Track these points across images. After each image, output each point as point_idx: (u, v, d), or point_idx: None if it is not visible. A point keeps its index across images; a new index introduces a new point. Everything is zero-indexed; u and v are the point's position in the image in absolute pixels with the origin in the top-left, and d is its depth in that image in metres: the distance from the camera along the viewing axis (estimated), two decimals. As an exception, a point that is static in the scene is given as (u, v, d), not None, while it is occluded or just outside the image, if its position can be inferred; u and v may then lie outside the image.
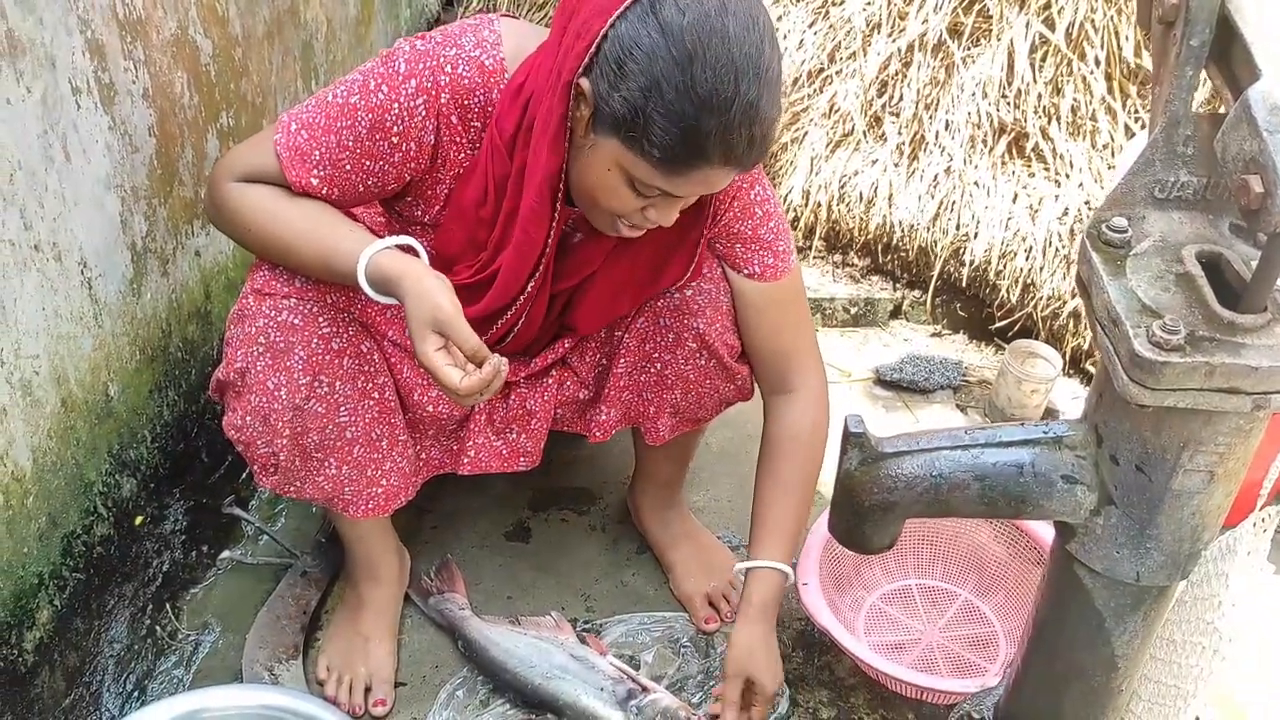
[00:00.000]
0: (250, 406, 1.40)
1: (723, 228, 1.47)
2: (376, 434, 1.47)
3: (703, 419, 1.64)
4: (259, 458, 1.45)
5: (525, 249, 1.36)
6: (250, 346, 1.39)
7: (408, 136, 1.30)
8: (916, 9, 2.25)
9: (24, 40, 1.26)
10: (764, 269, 1.50)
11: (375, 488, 1.51)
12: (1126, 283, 0.94)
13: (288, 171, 1.31)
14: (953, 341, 2.48)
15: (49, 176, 1.33)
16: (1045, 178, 2.27)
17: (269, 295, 1.39)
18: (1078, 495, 1.03)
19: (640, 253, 1.42)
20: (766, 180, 1.49)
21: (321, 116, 1.31)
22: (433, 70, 1.28)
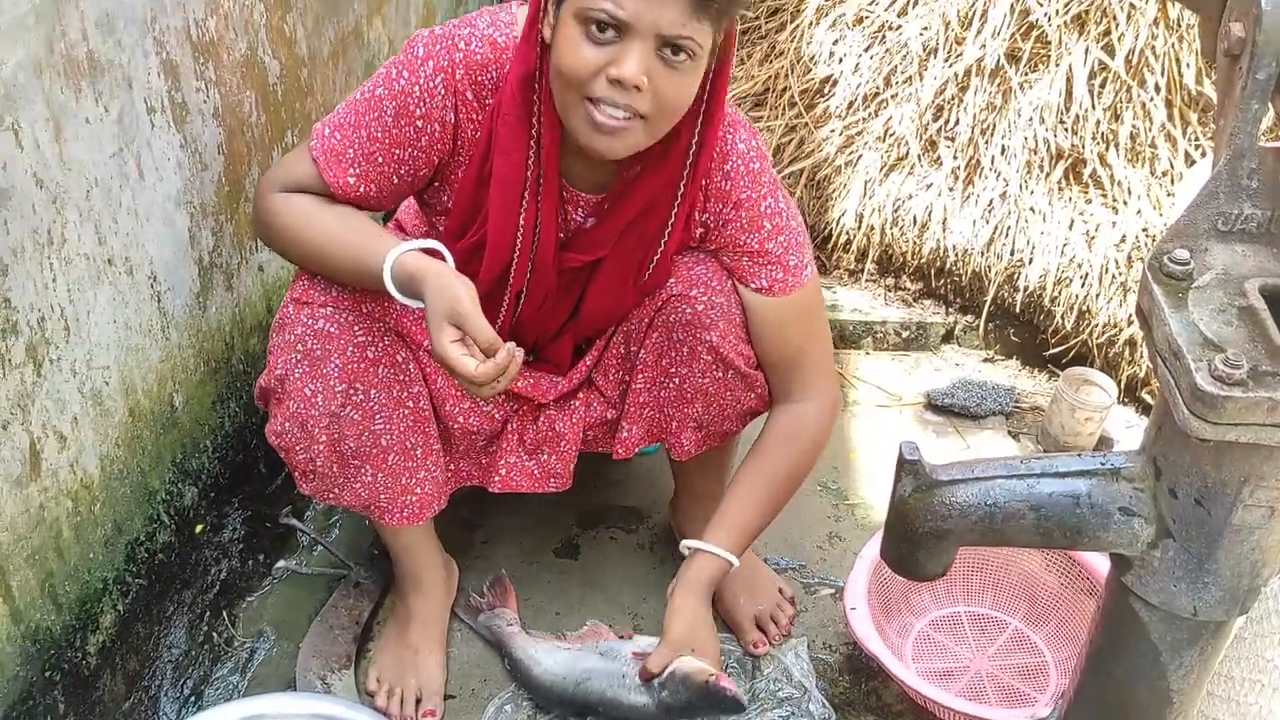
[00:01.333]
0: (289, 413, 1.44)
1: (728, 240, 1.46)
2: (411, 442, 1.50)
3: (728, 431, 1.63)
4: (298, 463, 1.49)
5: (507, 176, 1.36)
6: (289, 354, 1.42)
7: (430, 118, 1.35)
8: (974, 34, 2.25)
9: (103, 61, 1.30)
10: (772, 283, 1.48)
11: (409, 495, 1.54)
12: (1188, 315, 0.94)
13: (325, 174, 1.36)
14: (1005, 367, 2.46)
15: (123, 193, 1.37)
16: (1103, 204, 2.25)
17: (307, 304, 1.42)
18: (1135, 528, 1.03)
19: (646, 231, 1.42)
20: (783, 193, 1.48)
21: (351, 115, 1.37)
22: (449, 49, 1.32)
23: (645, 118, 1.23)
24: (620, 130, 1.23)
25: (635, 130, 1.24)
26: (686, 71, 1.22)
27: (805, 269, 1.49)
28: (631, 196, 1.39)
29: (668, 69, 1.20)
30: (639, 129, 1.25)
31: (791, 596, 1.84)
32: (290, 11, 1.79)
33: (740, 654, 1.76)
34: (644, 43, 1.18)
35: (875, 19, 2.36)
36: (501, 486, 1.61)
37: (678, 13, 1.16)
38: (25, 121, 1.17)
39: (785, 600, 1.82)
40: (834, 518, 2.03)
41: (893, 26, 2.35)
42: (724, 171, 1.41)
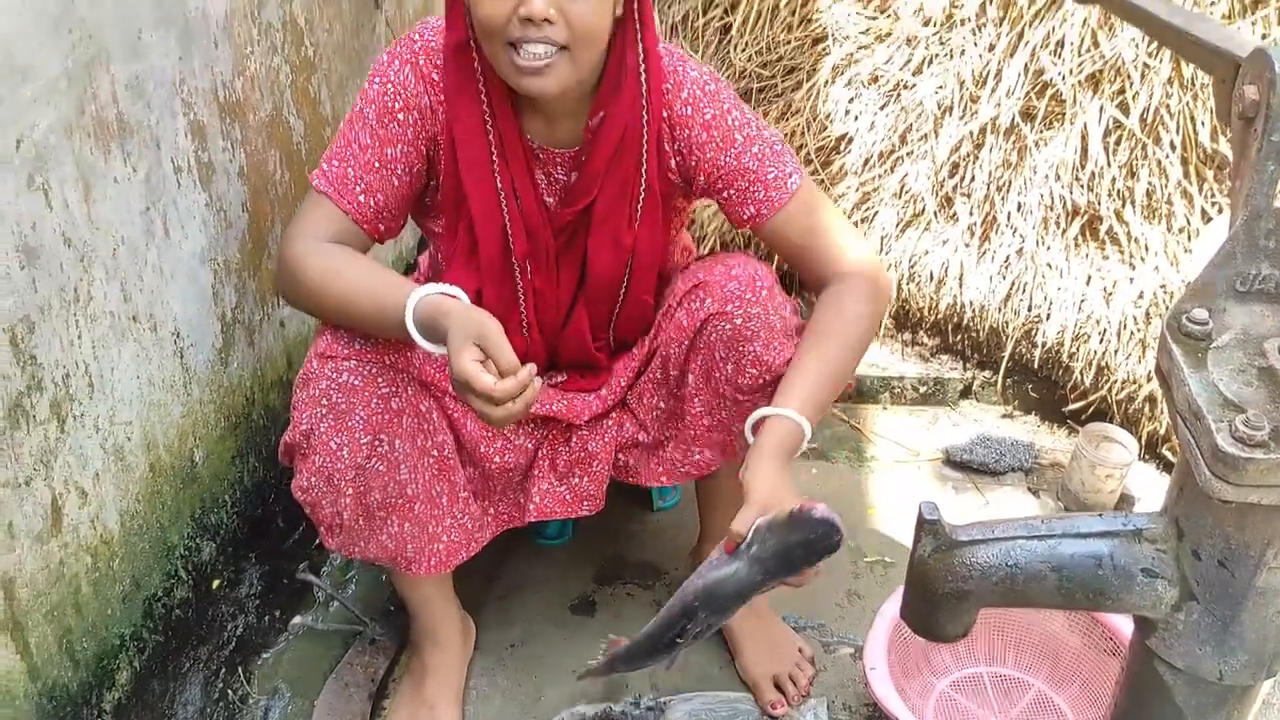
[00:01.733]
0: (315, 467, 1.44)
1: (709, 165, 1.47)
2: (437, 490, 1.50)
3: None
4: (324, 518, 1.49)
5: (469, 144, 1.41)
6: (314, 409, 1.43)
7: (409, 106, 1.41)
8: (989, 93, 2.26)
9: (132, 123, 1.33)
10: (759, 206, 1.49)
11: (437, 544, 1.53)
12: (1208, 375, 0.94)
13: (339, 201, 1.41)
14: (1024, 423, 2.45)
15: (149, 251, 1.39)
16: (1120, 261, 2.25)
17: (331, 358, 1.43)
18: (1158, 589, 1.02)
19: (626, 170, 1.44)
20: (748, 107, 1.51)
21: (340, 141, 1.43)
22: (407, 45, 1.42)
23: (567, 48, 1.28)
24: (545, 67, 1.28)
25: (561, 64, 1.29)
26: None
27: (788, 178, 1.49)
28: (601, 137, 1.41)
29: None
30: (564, 62, 1.29)
31: (811, 656, 1.83)
32: (315, 73, 1.82)
33: (759, 715, 1.74)
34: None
35: (890, 78, 2.38)
36: (537, 515, 1.60)
37: None
38: (55, 182, 1.19)
39: (805, 660, 1.81)
40: (853, 574, 2.02)
41: (908, 85, 2.37)
42: (683, 99, 1.45)
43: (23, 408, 1.19)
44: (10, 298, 1.14)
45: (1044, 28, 2.18)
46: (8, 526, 1.18)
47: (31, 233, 1.16)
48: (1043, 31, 2.19)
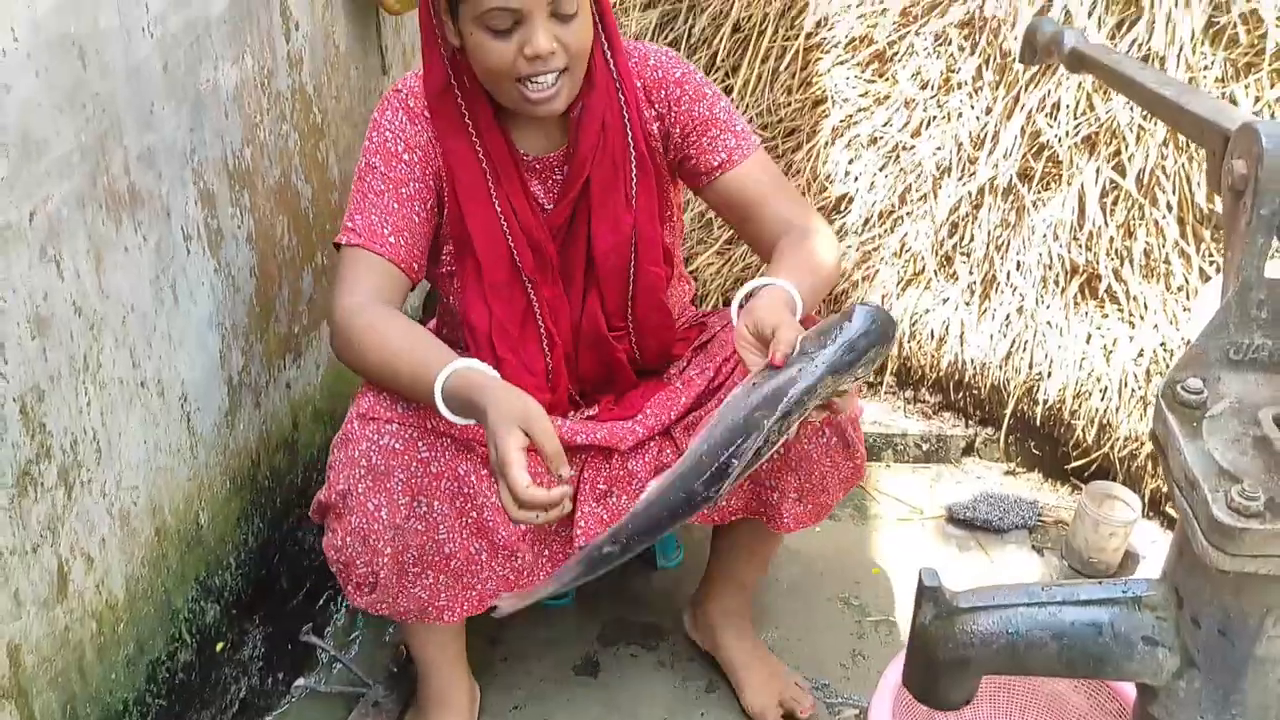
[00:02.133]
0: (351, 527, 1.44)
1: (685, 117, 1.56)
2: (475, 548, 1.49)
3: (827, 503, 1.63)
4: (357, 577, 1.48)
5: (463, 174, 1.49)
6: (353, 469, 1.43)
7: (410, 146, 1.50)
8: (986, 154, 2.30)
9: (144, 193, 1.35)
10: (729, 153, 1.56)
11: (470, 591, 1.52)
12: (1203, 445, 0.95)
13: (371, 248, 1.45)
14: (1027, 480, 2.45)
15: (158, 318, 1.41)
16: (1119, 319, 2.27)
17: (372, 420, 1.44)
18: (1159, 657, 1.02)
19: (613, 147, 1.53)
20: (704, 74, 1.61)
21: (356, 196, 1.49)
22: (394, 95, 1.52)
23: (566, 69, 1.40)
24: (553, 92, 1.41)
25: (564, 83, 1.42)
26: (579, 16, 1.39)
27: (751, 135, 1.59)
28: (584, 125, 1.50)
29: (565, 24, 1.37)
30: (565, 81, 1.42)
31: (808, 688, 1.86)
32: (323, 138, 1.86)
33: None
34: (540, 16, 1.35)
35: (889, 140, 2.42)
36: (585, 538, 1.57)
37: None
38: (67, 253, 1.21)
39: (803, 691, 1.84)
40: (857, 634, 2.01)
41: (906, 147, 2.40)
42: (650, 65, 1.57)
43: (31, 475, 1.20)
44: (21, 367, 1.16)
45: (1039, 91, 2.22)
46: (14, 594, 1.19)
47: (43, 303, 1.18)
48: (1038, 95, 2.22)
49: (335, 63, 1.87)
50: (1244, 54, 2.06)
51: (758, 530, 1.69)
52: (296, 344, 1.83)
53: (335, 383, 2.00)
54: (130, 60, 1.29)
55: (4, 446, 1.15)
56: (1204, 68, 2.08)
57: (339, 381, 2.01)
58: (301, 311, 1.83)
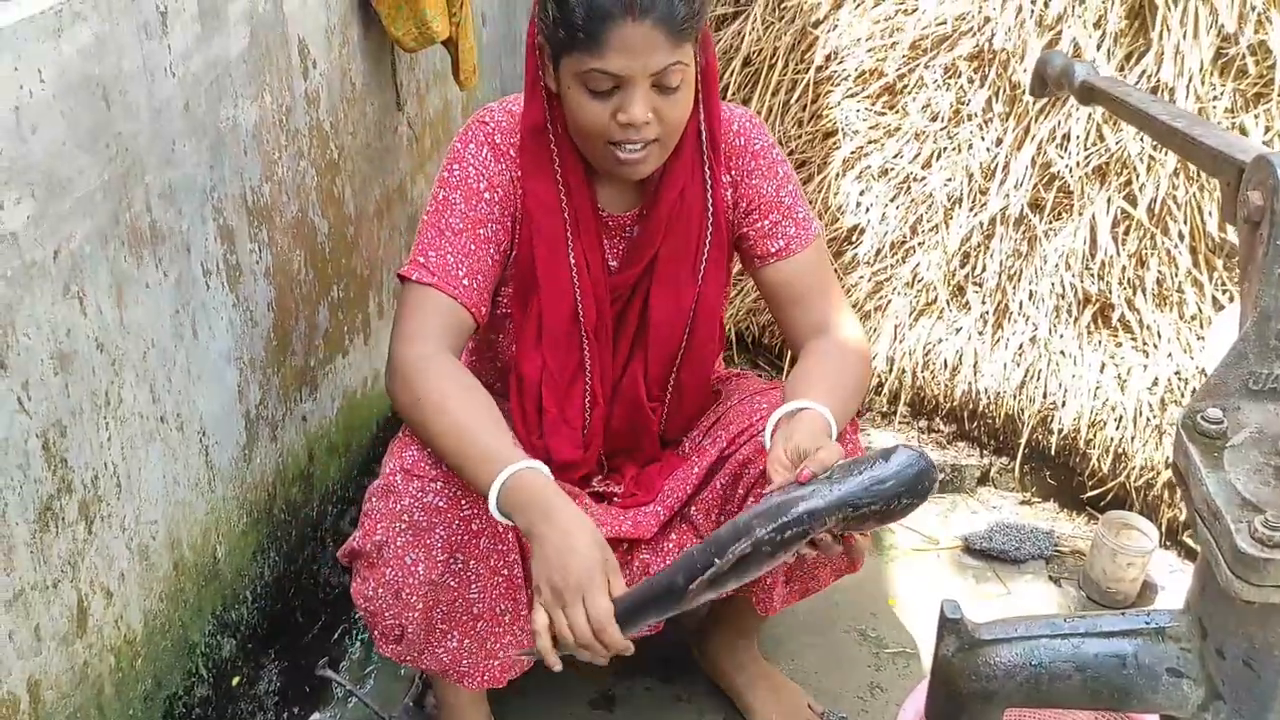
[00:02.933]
0: (384, 579, 1.42)
1: (754, 192, 1.54)
2: (501, 608, 1.48)
3: (813, 590, 1.63)
4: (384, 627, 1.46)
5: (543, 221, 1.46)
6: (393, 522, 1.41)
7: (493, 184, 1.47)
8: (997, 185, 2.31)
9: (164, 230, 1.37)
10: (788, 241, 1.54)
11: (493, 660, 1.51)
12: (1225, 475, 0.94)
13: (444, 288, 1.43)
14: (1043, 510, 2.44)
15: (178, 353, 1.42)
16: (1133, 348, 2.27)
17: (418, 477, 1.41)
18: (1184, 689, 1.01)
19: (690, 215, 1.51)
20: (781, 150, 1.59)
21: (431, 231, 1.46)
22: (479, 126, 1.49)
23: (658, 140, 1.38)
24: (642, 158, 1.39)
25: (653, 152, 1.39)
26: (681, 90, 1.36)
27: (812, 222, 1.57)
28: (663, 191, 1.49)
29: (665, 96, 1.35)
30: (655, 149, 1.39)
31: (822, 711, 1.85)
32: (340, 174, 1.87)
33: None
34: (641, 85, 1.32)
35: (900, 171, 2.43)
36: None
37: (661, 51, 1.31)
38: (90, 289, 1.23)
39: (816, 715, 1.84)
40: (874, 667, 2.00)
41: (917, 178, 2.42)
42: (735, 130, 1.54)
43: (52, 510, 1.20)
44: (44, 403, 1.17)
45: (1049, 122, 2.23)
46: (34, 629, 1.19)
47: (66, 339, 1.20)
48: (1049, 126, 2.23)
49: (351, 100, 1.89)
50: (1253, 84, 2.07)
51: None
52: (312, 377, 1.84)
53: (350, 416, 2.01)
54: (153, 100, 1.31)
55: (26, 482, 1.16)
56: (1213, 98, 2.09)
57: (354, 415, 2.02)
58: (318, 345, 1.84)
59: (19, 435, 1.14)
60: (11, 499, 1.14)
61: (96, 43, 1.19)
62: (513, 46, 2.92)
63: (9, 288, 1.10)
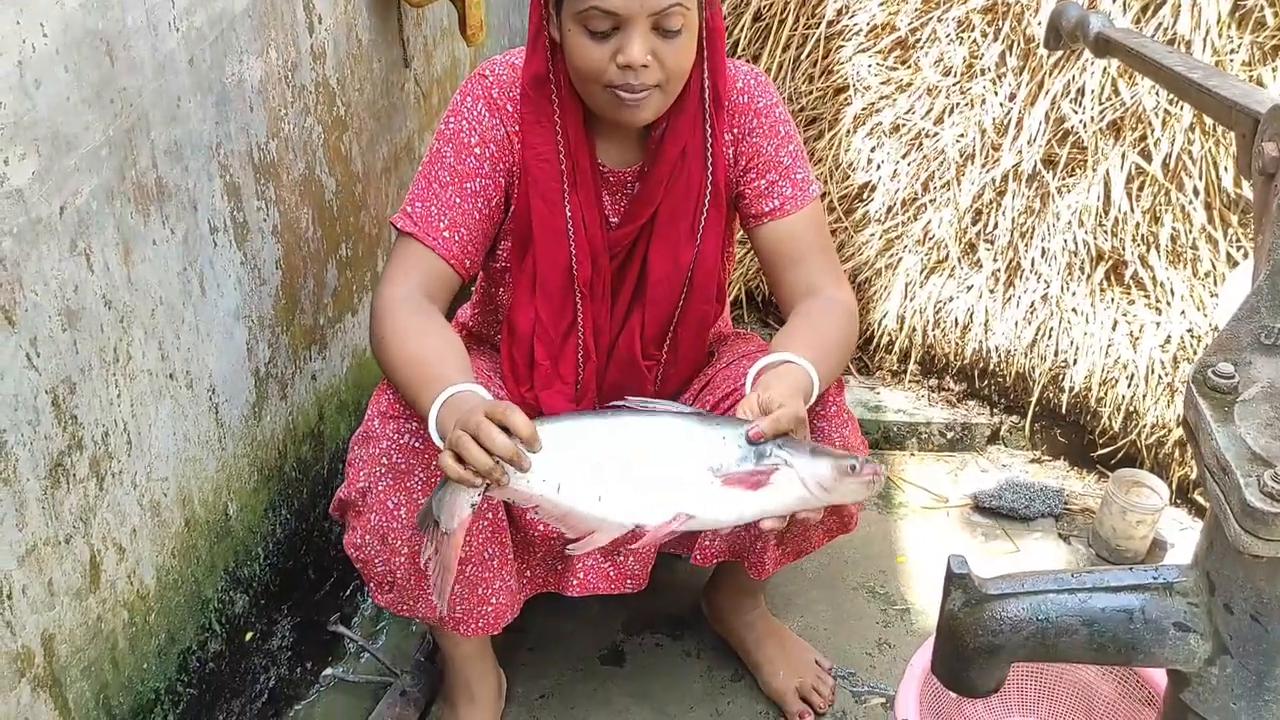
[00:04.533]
0: (370, 525, 1.45)
1: (754, 150, 1.53)
2: (489, 553, 1.50)
3: (806, 551, 1.64)
4: (376, 575, 1.49)
5: (540, 172, 1.45)
6: (373, 467, 1.44)
7: (485, 140, 1.47)
8: (1010, 141, 2.28)
9: (171, 187, 1.36)
10: (783, 201, 1.53)
11: (485, 606, 1.53)
12: (1235, 429, 0.94)
13: (424, 239, 1.44)
14: (1053, 468, 2.44)
15: (186, 310, 1.42)
16: (1146, 305, 2.25)
17: (394, 418, 1.44)
18: (1191, 644, 1.01)
19: (694, 175, 1.50)
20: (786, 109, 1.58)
21: (421, 183, 1.47)
22: (479, 81, 1.49)
23: (659, 86, 1.36)
24: (642, 102, 1.36)
25: (654, 97, 1.37)
26: (682, 35, 1.34)
27: (810, 184, 1.56)
28: (665, 148, 1.47)
29: (666, 40, 1.33)
30: (657, 95, 1.37)
31: (830, 667, 1.87)
32: (346, 131, 1.86)
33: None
34: (640, 26, 1.31)
35: (912, 127, 2.41)
36: (580, 590, 1.60)
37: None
38: (97, 246, 1.23)
39: (824, 671, 1.85)
40: (882, 623, 2.01)
41: (929, 134, 2.39)
42: (738, 89, 1.53)
43: (63, 466, 1.21)
44: (53, 360, 1.17)
45: (1064, 77, 2.20)
46: (47, 584, 1.21)
47: (74, 296, 1.20)
48: (1063, 80, 2.20)
49: (358, 56, 1.88)
50: (1271, 37, 2.04)
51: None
52: (321, 336, 1.84)
53: (360, 374, 2.01)
54: (157, 55, 1.30)
55: (37, 438, 1.16)
56: (1230, 51, 2.06)
57: (364, 373, 2.02)
58: (326, 304, 1.84)
59: (28, 391, 1.14)
60: (22, 455, 1.14)
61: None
62: (520, 3, 2.89)
63: (16, 244, 1.10)
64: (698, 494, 1.24)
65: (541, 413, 1.56)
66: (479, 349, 1.68)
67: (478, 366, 1.55)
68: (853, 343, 1.53)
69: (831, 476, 1.23)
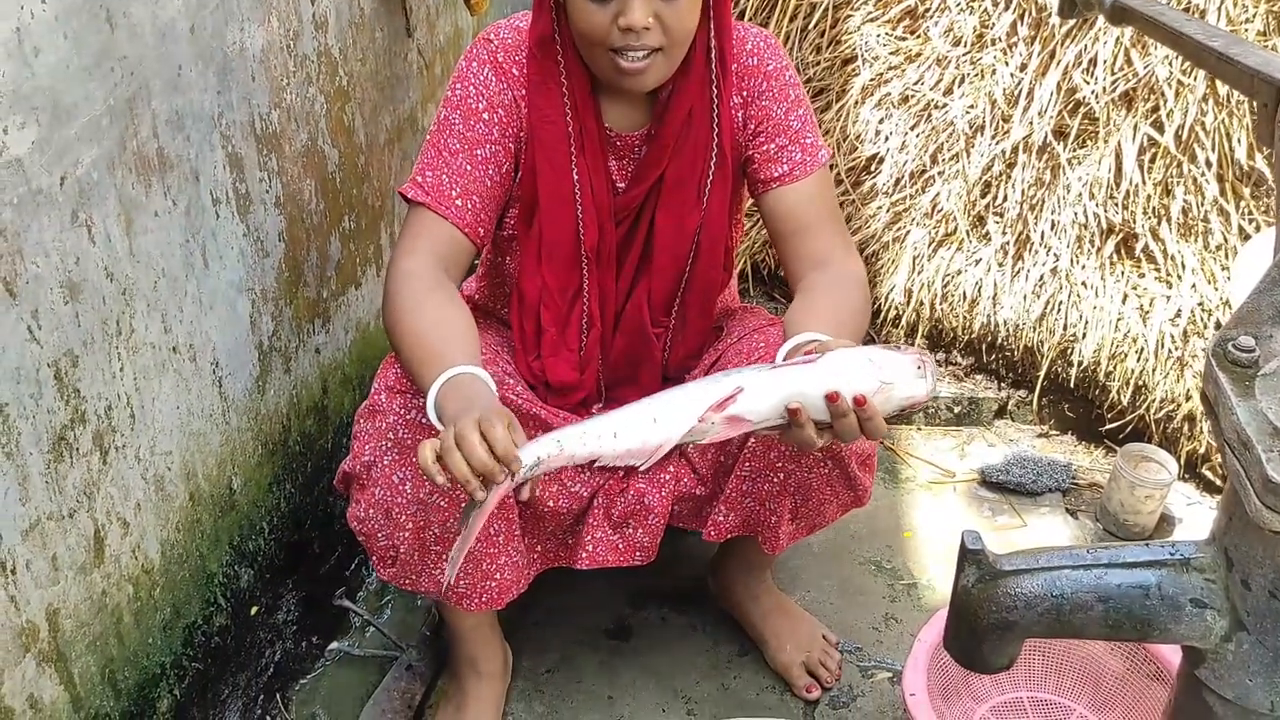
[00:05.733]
0: (374, 500, 1.44)
1: (762, 114, 1.51)
2: (494, 529, 1.49)
3: (819, 525, 1.63)
4: (379, 550, 1.49)
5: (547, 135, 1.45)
6: (379, 441, 1.43)
7: (493, 105, 1.46)
8: (1020, 112, 2.25)
9: (172, 157, 1.34)
10: (793, 167, 1.51)
11: (490, 581, 1.53)
12: (1256, 404, 0.92)
13: (436, 208, 1.43)
14: (1061, 442, 2.43)
15: (189, 282, 1.41)
16: (1156, 279, 2.23)
17: (401, 393, 1.43)
18: (1207, 620, 1.00)
19: (697, 137, 1.48)
20: (796, 73, 1.56)
21: (430, 151, 1.46)
22: (483, 45, 1.48)
23: (661, 49, 1.35)
24: (644, 67, 1.35)
25: (657, 62, 1.36)
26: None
27: (819, 149, 1.54)
28: (670, 110, 1.46)
29: (668, 2, 1.31)
30: (660, 60, 1.36)
31: (837, 641, 1.88)
32: (349, 102, 1.84)
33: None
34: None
35: (921, 98, 2.38)
36: (589, 563, 1.58)
37: None
38: (98, 217, 1.21)
39: (830, 646, 1.85)
40: (889, 598, 2.00)
41: (938, 105, 2.36)
42: (747, 51, 1.50)
43: (66, 440, 1.20)
44: (55, 332, 1.16)
45: (1076, 47, 2.17)
46: (52, 559, 1.20)
47: (75, 268, 1.18)
48: (1075, 51, 2.17)
49: (360, 25, 1.85)
50: (1288, 5, 2.01)
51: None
52: (325, 309, 1.82)
53: (364, 348, 2.00)
54: (157, 23, 1.28)
55: (39, 411, 1.15)
56: (1245, 21, 2.03)
57: (367, 347, 2.01)
58: (330, 276, 1.83)
59: (30, 364, 1.13)
60: (25, 428, 1.13)
61: (98, -38, 1.16)
62: (524, -29, 2.86)
63: (16, 214, 1.08)
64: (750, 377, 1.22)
65: (549, 382, 1.55)
66: (486, 322, 1.67)
67: (486, 341, 1.53)
68: (867, 315, 1.51)
69: (883, 353, 1.23)
